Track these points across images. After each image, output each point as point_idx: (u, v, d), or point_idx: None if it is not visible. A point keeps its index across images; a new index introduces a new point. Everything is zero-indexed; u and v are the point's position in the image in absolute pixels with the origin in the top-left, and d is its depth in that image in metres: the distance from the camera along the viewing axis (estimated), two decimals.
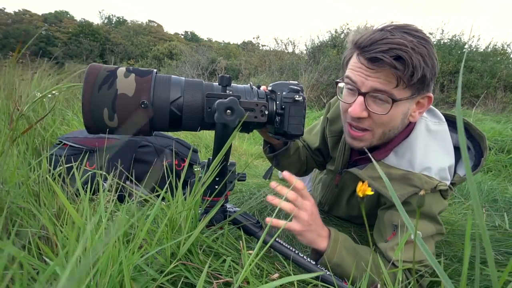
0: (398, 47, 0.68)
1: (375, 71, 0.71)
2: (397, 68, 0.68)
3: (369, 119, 0.77)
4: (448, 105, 6.88)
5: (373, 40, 0.71)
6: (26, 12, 28.47)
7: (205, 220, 0.66)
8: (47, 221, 0.59)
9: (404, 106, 0.75)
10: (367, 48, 0.71)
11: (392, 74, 0.70)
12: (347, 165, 0.98)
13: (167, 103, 0.64)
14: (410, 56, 0.68)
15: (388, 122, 0.76)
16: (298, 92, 0.71)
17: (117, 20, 38.70)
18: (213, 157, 0.69)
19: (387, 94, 0.72)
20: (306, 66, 7.59)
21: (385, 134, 0.79)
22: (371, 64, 0.71)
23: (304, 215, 0.74)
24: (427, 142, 0.81)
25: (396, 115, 0.75)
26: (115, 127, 0.63)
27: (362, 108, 0.75)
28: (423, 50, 0.70)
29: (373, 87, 0.73)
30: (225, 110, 0.61)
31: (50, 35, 26.29)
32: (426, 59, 0.70)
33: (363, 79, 0.73)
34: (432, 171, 0.78)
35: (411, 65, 0.68)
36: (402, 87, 0.71)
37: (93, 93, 0.60)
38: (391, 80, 0.71)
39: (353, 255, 0.77)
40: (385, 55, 0.68)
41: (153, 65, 15.82)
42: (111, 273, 0.47)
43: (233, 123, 0.62)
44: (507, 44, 7.85)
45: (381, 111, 0.74)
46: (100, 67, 0.62)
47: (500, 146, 2.53)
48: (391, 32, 0.71)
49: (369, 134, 0.79)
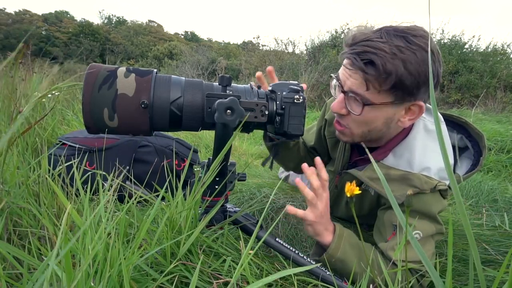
0: (373, 51, 0.67)
1: (353, 72, 0.72)
2: (366, 72, 0.68)
3: (348, 117, 0.78)
4: (448, 105, 6.88)
5: (356, 40, 0.71)
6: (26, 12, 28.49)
7: (205, 220, 0.66)
8: (47, 221, 0.59)
9: (386, 111, 0.74)
10: (348, 48, 0.72)
11: (362, 77, 0.70)
12: (346, 166, 0.98)
13: (167, 103, 0.64)
14: (384, 61, 0.66)
15: (366, 124, 0.77)
16: (298, 92, 0.71)
17: (117, 20, 38.72)
18: (213, 157, 0.69)
19: (360, 96, 0.72)
20: (306, 66, 7.59)
21: (365, 134, 0.80)
22: (349, 65, 0.72)
23: (320, 206, 0.75)
24: (425, 142, 0.81)
25: (374, 118, 0.75)
26: (115, 127, 0.63)
27: (341, 106, 0.77)
28: (409, 57, 0.67)
29: (349, 87, 0.73)
30: (225, 110, 0.61)
31: (50, 35, 26.30)
32: (408, 66, 0.67)
33: (345, 78, 0.74)
34: (431, 171, 0.78)
35: (384, 70, 0.66)
36: (375, 91, 0.70)
37: (93, 93, 0.60)
38: (363, 83, 0.71)
39: (356, 251, 0.78)
40: (356, 58, 0.69)
41: (153, 65, 15.82)
42: (110, 274, 0.47)
43: (233, 123, 0.61)
44: (507, 44, 7.85)
45: (356, 112, 0.75)
46: (100, 67, 0.62)
47: (500, 146, 2.53)
48: (381, 34, 0.69)
49: (347, 130, 0.81)
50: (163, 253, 0.62)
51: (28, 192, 0.71)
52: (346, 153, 0.96)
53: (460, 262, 0.98)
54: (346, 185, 0.49)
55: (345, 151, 0.96)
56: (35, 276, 0.42)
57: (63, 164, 0.78)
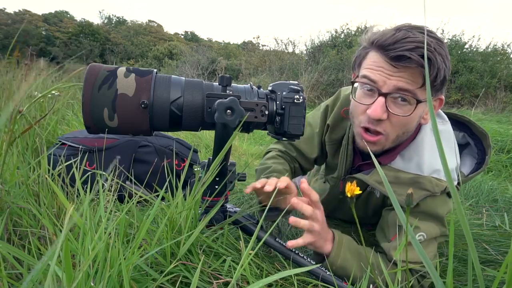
0: (423, 46, 0.66)
1: (398, 70, 0.69)
2: (424, 67, 0.66)
3: (386, 122, 0.74)
4: (448, 105, 6.88)
5: (397, 38, 0.68)
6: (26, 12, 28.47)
7: (205, 220, 0.66)
8: (47, 221, 0.59)
9: (423, 108, 0.73)
10: (391, 46, 0.69)
11: (418, 73, 0.68)
12: (350, 170, 0.96)
13: (167, 103, 0.64)
14: (435, 56, 0.67)
15: (405, 125, 0.74)
16: (298, 92, 0.70)
17: (117, 20, 38.70)
18: (213, 157, 0.69)
19: (411, 94, 0.70)
20: (306, 66, 7.59)
21: (398, 137, 0.77)
22: (395, 63, 0.69)
23: (317, 227, 0.74)
24: (434, 143, 0.80)
25: (414, 117, 0.73)
26: (115, 127, 0.63)
27: (383, 110, 0.71)
28: (442, 51, 0.69)
29: (396, 86, 0.70)
30: (225, 110, 0.61)
31: (50, 35, 26.29)
32: (445, 60, 0.69)
33: (384, 78, 0.71)
34: (441, 173, 0.77)
35: (437, 65, 0.67)
36: (424, 87, 0.69)
37: (93, 93, 0.60)
38: (416, 79, 0.69)
39: (356, 257, 0.77)
40: (412, 53, 0.66)
41: (153, 65, 15.82)
42: (110, 274, 0.47)
43: (233, 123, 0.61)
44: (507, 44, 7.85)
45: (402, 113, 0.71)
46: (100, 67, 0.62)
47: (500, 146, 2.53)
48: (411, 31, 0.69)
49: (383, 138, 0.77)
50: (163, 253, 0.62)
51: (28, 192, 0.71)
52: (349, 158, 0.94)
53: (460, 262, 0.98)
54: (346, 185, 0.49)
55: (348, 156, 0.94)
56: (35, 276, 0.41)
57: (63, 164, 0.78)
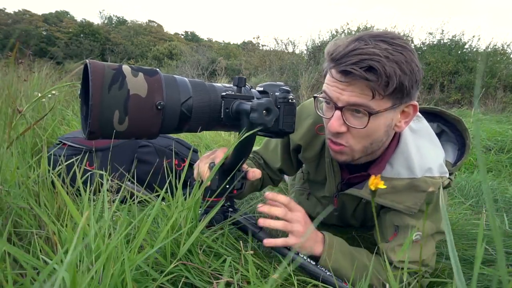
0: (369, 57, 0.65)
1: (348, 84, 0.69)
2: (369, 79, 0.65)
3: (347, 134, 0.74)
4: (448, 105, 6.87)
5: (345, 52, 0.68)
6: (26, 12, 28.46)
7: (205, 220, 0.66)
8: (47, 221, 0.59)
9: (386, 117, 0.72)
10: (339, 61, 0.68)
11: (365, 86, 0.67)
12: (340, 185, 0.94)
13: (178, 104, 0.62)
14: (383, 65, 0.65)
15: (368, 136, 0.74)
16: (289, 92, 0.73)
17: (117, 20, 38.69)
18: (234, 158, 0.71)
19: (363, 107, 0.69)
20: (306, 66, 7.59)
21: (366, 148, 0.76)
22: (343, 78, 0.69)
23: (298, 227, 0.74)
24: (417, 142, 0.80)
25: (377, 127, 0.72)
26: (122, 131, 0.58)
27: (340, 123, 0.72)
28: (399, 57, 0.66)
29: (348, 101, 0.70)
30: (264, 110, 0.61)
31: (51, 35, 26.29)
32: (402, 67, 0.66)
33: (338, 95, 0.70)
34: (433, 170, 0.78)
35: (385, 74, 0.65)
36: (379, 98, 0.68)
37: (103, 93, 0.55)
38: (366, 92, 0.68)
39: (349, 259, 0.77)
40: (355, 67, 0.65)
41: (153, 65, 15.80)
42: (112, 272, 0.47)
43: (270, 123, 0.62)
44: (507, 44, 7.85)
45: (359, 125, 0.71)
46: (102, 64, 0.58)
47: (500, 146, 2.53)
48: (365, 41, 0.68)
49: (347, 149, 0.76)
50: (163, 253, 0.62)
51: (28, 192, 0.71)
52: (336, 174, 0.92)
53: (460, 262, 0.98)
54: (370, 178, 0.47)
55: (335, 172, 0.92)
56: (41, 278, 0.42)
57: (63, 164, 0.78)
